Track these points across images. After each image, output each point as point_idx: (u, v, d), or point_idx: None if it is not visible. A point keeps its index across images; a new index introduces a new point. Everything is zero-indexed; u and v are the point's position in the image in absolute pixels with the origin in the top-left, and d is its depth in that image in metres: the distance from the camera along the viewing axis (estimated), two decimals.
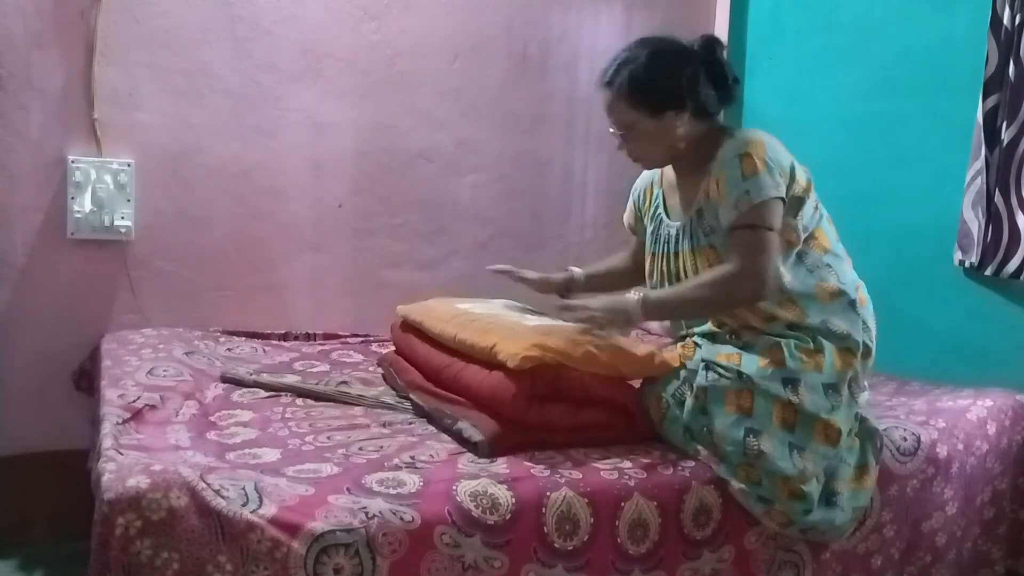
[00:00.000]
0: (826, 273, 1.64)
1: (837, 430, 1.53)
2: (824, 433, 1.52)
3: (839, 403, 1.55)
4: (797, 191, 1.62)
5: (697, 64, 1.65)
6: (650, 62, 1.63)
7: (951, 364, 2.19)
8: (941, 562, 1.78)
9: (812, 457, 1.51)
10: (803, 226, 1.63)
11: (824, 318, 1.60)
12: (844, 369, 1.58)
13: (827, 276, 1.64)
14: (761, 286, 1.55)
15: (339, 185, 2.42)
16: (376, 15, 2.41)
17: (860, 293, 1.68)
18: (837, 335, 1.60)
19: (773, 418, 1.51)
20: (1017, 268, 2.03)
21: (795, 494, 1.48)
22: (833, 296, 1.62)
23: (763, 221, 1.55)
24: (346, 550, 1.21)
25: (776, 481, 1.48)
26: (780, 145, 1.64)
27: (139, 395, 1.66)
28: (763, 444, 1.48)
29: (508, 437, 1.51)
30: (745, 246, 1.56)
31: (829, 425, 1.52)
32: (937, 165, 2.24)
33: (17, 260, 2.10)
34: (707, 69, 1.65)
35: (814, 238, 1.66)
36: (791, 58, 2.67)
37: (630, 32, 2.74)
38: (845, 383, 1.58)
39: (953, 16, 2.21)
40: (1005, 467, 1.88)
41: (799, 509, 1.49)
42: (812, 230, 1.65)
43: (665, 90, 1.63)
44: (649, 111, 1.64)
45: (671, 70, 1.63)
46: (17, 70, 2.06)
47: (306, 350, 2.20)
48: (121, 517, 1.16)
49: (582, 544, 1.37)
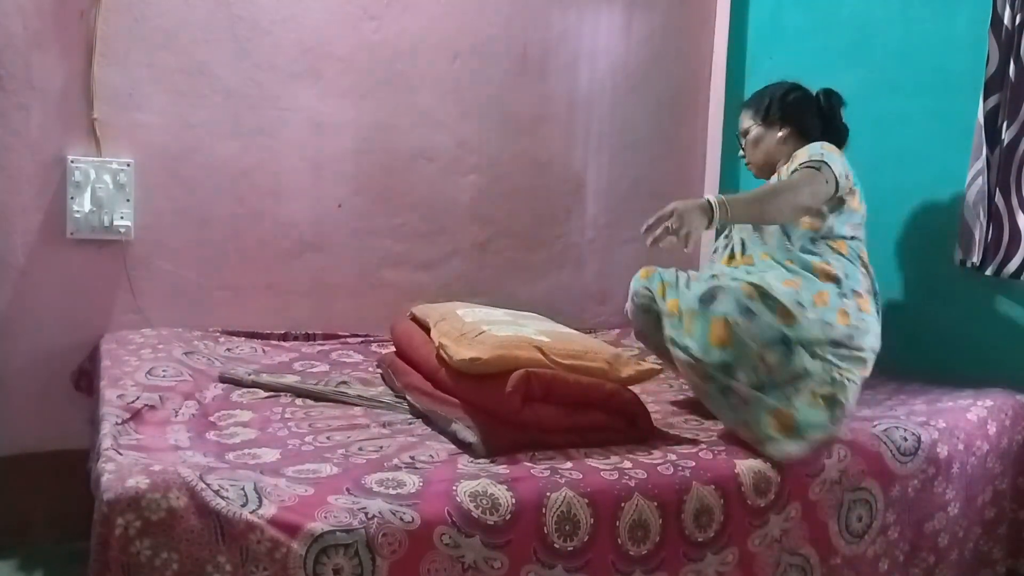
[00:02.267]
0: (831, 258, 1.85)
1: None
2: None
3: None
4: (842, 194, 1.87)
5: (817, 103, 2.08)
6: (786, 91, 2.10)
7: (951, 364, 2.18)
8: (944, 563, 1.78)
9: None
10: (829, 225, 1.87)
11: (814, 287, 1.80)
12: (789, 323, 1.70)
13: (831, 260, 1.85)
14: (808, 197, 1.80)
15: (339, 185, 2.42)
16: (376, 15, 2.40)
17: (860, 297, 1.83)
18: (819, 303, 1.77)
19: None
20: (1018, 268, 2.03)
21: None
22: (828, 277, 1.82)
23: (825, 168, 1.82)
24: (346, 550, 1.21)
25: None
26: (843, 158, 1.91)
27: (138, 395, 1.66)
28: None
29: (502, 437, 1.51)
30: (806, 172, 1.83)
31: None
32: (937, 165, 2.24)
33: (17, 260, 2.10)
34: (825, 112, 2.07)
35: (835, 238, 1.88)
36: (791, 58, 2.67)
37: (630, 32, 2.75)
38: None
39: (953, 16, 2.21)
40: (1005, 467, 1.88)
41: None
42: (837, 233, 1.88)
43: (785, 109, 2.06)
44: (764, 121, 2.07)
45: (798, 100, 2.08)
46: (17, 70, 2.06)
47: (306, 350, 2.20)
48: (121, 517, 1.16)
49: (582, 545, 1.37)
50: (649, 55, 2.79)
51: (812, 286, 1.79)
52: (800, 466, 1.58)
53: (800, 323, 1.70)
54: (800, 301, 1.74)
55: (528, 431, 1.53)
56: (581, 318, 2.53)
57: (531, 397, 1.53)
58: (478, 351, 1.57)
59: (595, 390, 1.59)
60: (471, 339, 1.64)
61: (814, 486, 1.58)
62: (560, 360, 1.59)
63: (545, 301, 2.57)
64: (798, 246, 1.87)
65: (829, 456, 1.61)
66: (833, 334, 1.73)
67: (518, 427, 1.53)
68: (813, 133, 2.03)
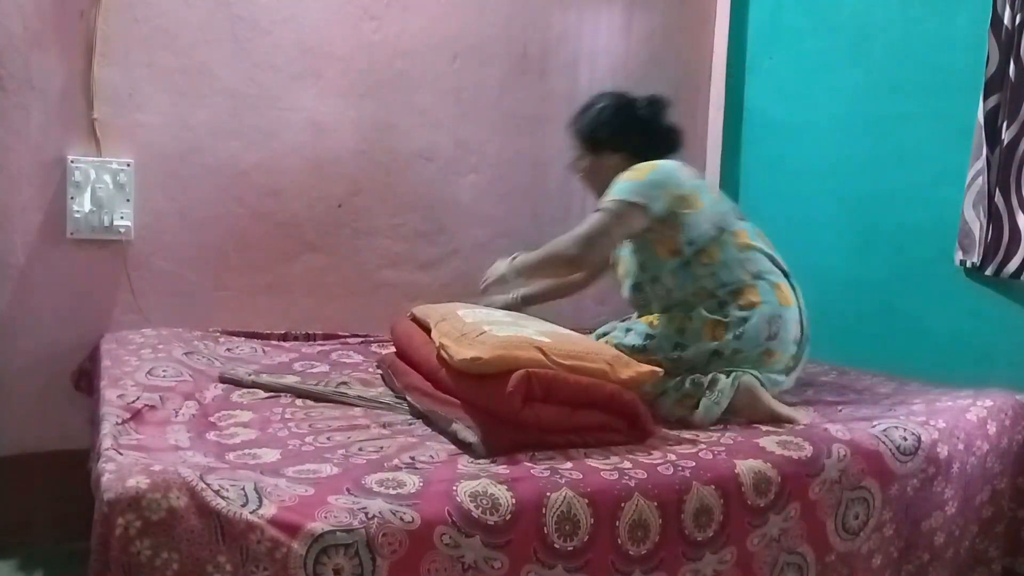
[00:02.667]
0: (708, 281, 1.89)
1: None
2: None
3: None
4: (679, 209, 1.88)
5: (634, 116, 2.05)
6: (599, 113, 2.07)
7: (951, 364, 2.18)
8: (938, 561, 1.78)
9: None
10: (688, 240, 1.89)
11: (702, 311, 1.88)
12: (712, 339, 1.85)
13: (707, 283, 1.89)
14: (580, 255, 1.88)
15: (339, 185, 2.42)
16: (376, 15, 2.41)
17: (743, 294, 1.88)
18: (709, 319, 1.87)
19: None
20: (1018, 268, 2.03)
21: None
22: (710, 296, 1.89)
23: (611, 208, 1.86)
24: (346, 550, 1.21)
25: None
26: (682, 172, 1.93)
27: (138, 395, 1.66)
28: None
29: (503, 437, 1.51)
30: (587, 221, 1.89)
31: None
32: (937, 165, 2.24)
33: (17, 260, 2.10)
34: (646, 122, 2.04)
35: (701, 249, 1.89)
36: (791, 58, 2.67)
37: (630, 32, 2.75)
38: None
39: (953, 16, 2.21)
40: (1005, 467, 1.88)
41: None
42: (703, 246, 1.89)
43: (604, 135, 2.04)
44: (591, 150, 2.07)
45: (612, 119, 2.05)
46: (17, 70, 2.06)
47: (306, 350, 2.20)
48: (121, 517, 1.16)
49: (582, 544, 1.37)
50: (649, 55, 2.79)
51: (693, 321, 1.88)
52: (800, 466, 1.58)
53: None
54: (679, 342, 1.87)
55: (528, 431, 1.53)
56: (581, 318, 2.53)
57: (532, 397, 1.53)
58: (479, 351, 1.57)
59: (596, 390, 1.59)
60: (472, 339, 1.64)
61: (814, 486, 1.58)
62: (561, 360, 1.59)
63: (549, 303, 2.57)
64: (673, 282, 1.91)
65: (829, 456, 1.61)
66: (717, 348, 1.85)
67: (518, 427, 1.53)
68: (642, 148, 2.01)
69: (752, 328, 1.85)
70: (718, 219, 1.92)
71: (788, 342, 1.90)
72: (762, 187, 2.78)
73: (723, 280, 1.89)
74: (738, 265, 1.90)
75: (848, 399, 2.03)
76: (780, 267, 1.97)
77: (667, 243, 1.90)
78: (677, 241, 1.89)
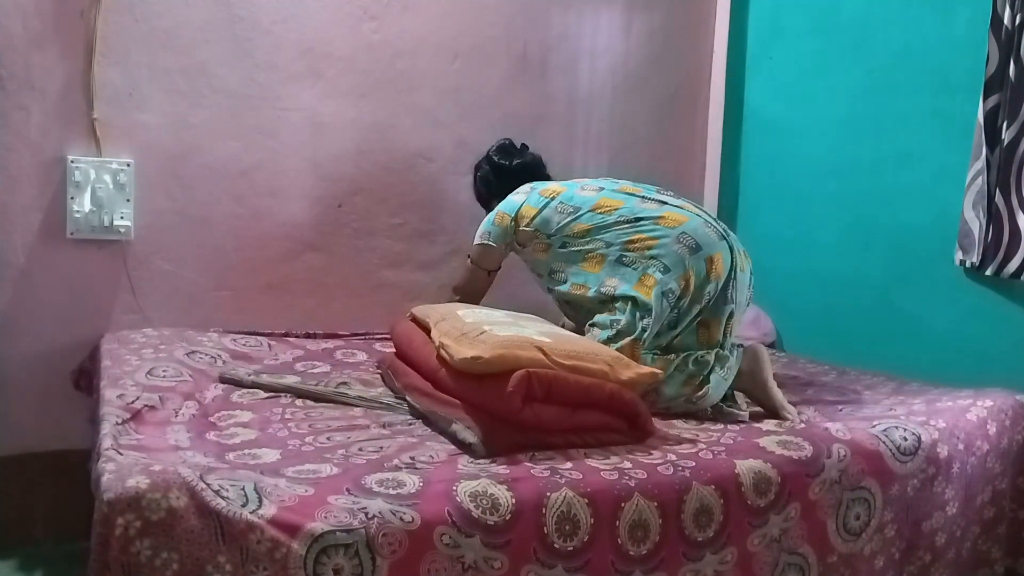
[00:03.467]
0: (568, 287, 2.05)
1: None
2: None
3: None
4: (527, 229, 2.10)
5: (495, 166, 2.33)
6: (474, 180, 2.39)
7: (951, 364, 2.18)
8: (940, 561, 1.78)
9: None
10: (548, 263, 2.09)
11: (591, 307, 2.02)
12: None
13: (569, 289, 2.05)
14: (456, 292, 2.26)
15: (339, 185, 2.42)
16: (376, 15, 2.41)
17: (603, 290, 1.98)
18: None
19: None
20: (1017, 268, 2.03)
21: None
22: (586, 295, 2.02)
23: (471, 255, 2.22)
24: (346, 550, 1.21)
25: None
26: (523, 197, 2.14)
27: (138, 395, 1.66)
28: None
29: (503, 437, 1.51)
30: (464, 275, 2.26)
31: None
32: (937, 165, 2.24)
33: (17, 260, 2.10)
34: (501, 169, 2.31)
35: (561, 263, 2.06)
36: (791, 58, 2.67)
37: (630, 32, 2.75)
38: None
39: (953, 16, 2.21)
40: (1005, 467, 1.88)
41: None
42: (565, 256, 2.05)
43: (481, 195, 2.37)
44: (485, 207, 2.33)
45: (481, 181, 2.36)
46: (17, 70, 2.06)
47: (311, 347, 2.20)
48: (121, 517, 1.16)
49: (582, 544, 1.37)
50: (649, 55, 2.79)
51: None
52: (800, 466, 1.58)
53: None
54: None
55: (528, 431, 1.53)
56: None
57: (532, 397, 1.53)
58: (479, 350, 1.57)
59: (596, 390, 1.59)
60: (472, 339, 1.64)
61: (814, 486, 1.58)
62: (561, 360, 1.59)
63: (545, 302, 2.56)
64: (557, 293, 2.10)
65: (829, 456, 1.61)
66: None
67: (518, 427, 1.53)
68: (506, 190, 2.22)
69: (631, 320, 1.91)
70: (539, 244, 2.09)
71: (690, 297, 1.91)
72: (762, 187, 2.78)
73: (582, 290, 2.02)
74: (580, 274, 2.03)
75: (848, 399, 2.03)
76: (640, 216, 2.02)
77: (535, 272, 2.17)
78: (535, 269, 2.15)
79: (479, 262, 2.21)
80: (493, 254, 2.19)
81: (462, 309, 1.93)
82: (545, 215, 2.08)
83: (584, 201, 2.06)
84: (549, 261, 2.09)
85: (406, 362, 1.92)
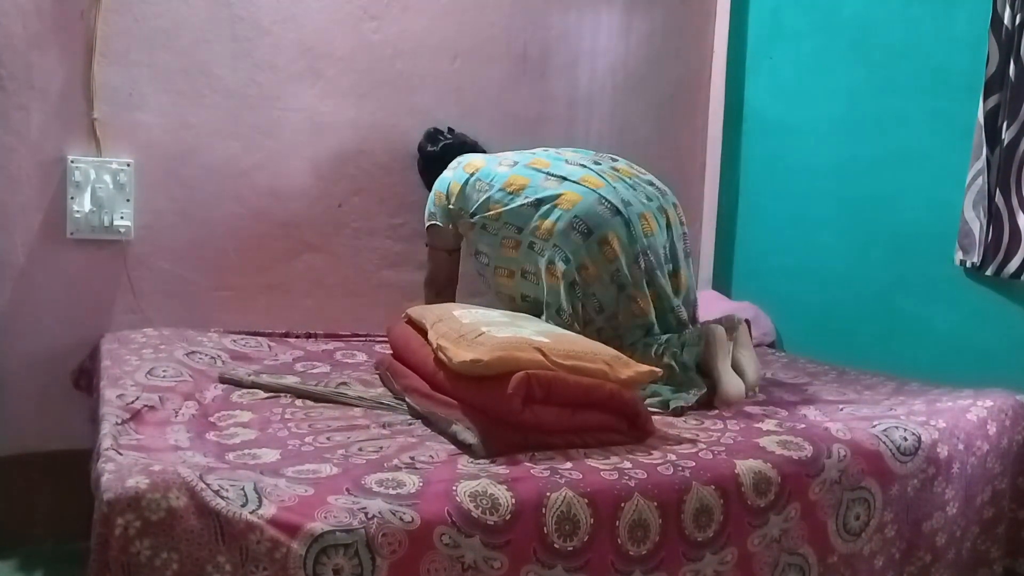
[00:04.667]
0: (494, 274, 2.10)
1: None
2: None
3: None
4: (453, 207, 2.12)
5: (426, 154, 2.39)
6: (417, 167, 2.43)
7: (951, 364, 2.18)
8: (940, 562, 1.78)
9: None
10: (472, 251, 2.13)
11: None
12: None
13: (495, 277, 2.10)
14: (427, 284, 2.29)
15: (339, 185, 2.42)
16: (376, 15, 2.41)
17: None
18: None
19: None
20: (1018, 268, 2.03)
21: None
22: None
23: (426, 239, 2.25)
24: (345, 550, 1.21)
25: None
26: (451, 173, 2.16)
27: (138, 395, 1.66)
28: None
29: (503, 438, 1.51)
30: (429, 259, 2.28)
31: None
32: (937, 165, 2.24)
33: (17, 260, 2.10)
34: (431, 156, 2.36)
35: (484, 245, 2.09)
36: (791, 58, 2.67)
37: (630, 32, 2.75)
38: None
39: (953, 16, 2.21)
40: (1005, 467, 1.88)
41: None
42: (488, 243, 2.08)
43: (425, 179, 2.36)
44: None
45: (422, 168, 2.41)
46: (17, 70, 2.06)
47: (310, 348, 2.20)
48: (120, 517, 1.16)
49: (582, 545, 1.37)
50: (649, 55, 2.79)
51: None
52: (800, 466, 1.58)
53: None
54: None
55: (528, 432, 1.53)
56: None
57: (532, 399, 1.52)
58: (478, 352, 1.57)
59: (596, 390, 1.59)
60: (470, 340, 1.64)
61: (814, 486, 1.58)
62: (560, 361, 1.59)
63: None
64: (488, 283, 2.15)
65: (829, 456, 1.61)
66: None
67: (518, 428, 1.53)
68: (438, 173, 2.23)
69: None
70: (464, 223, 2.11)
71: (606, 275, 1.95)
72: (762, 187, 2.78)
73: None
74: (502, 258, 2.05)
75: (848, 399, 2.03)
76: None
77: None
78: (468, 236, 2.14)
79: (434, 243, 2.23)
80: (443, 233, 2.18)
81: (458, 309, 1.93)
82: (466, 192, 2.10)
83: (496, 178, 2.07)
84: (474, 241, 2.11)
85: (404, 362, 1.92)
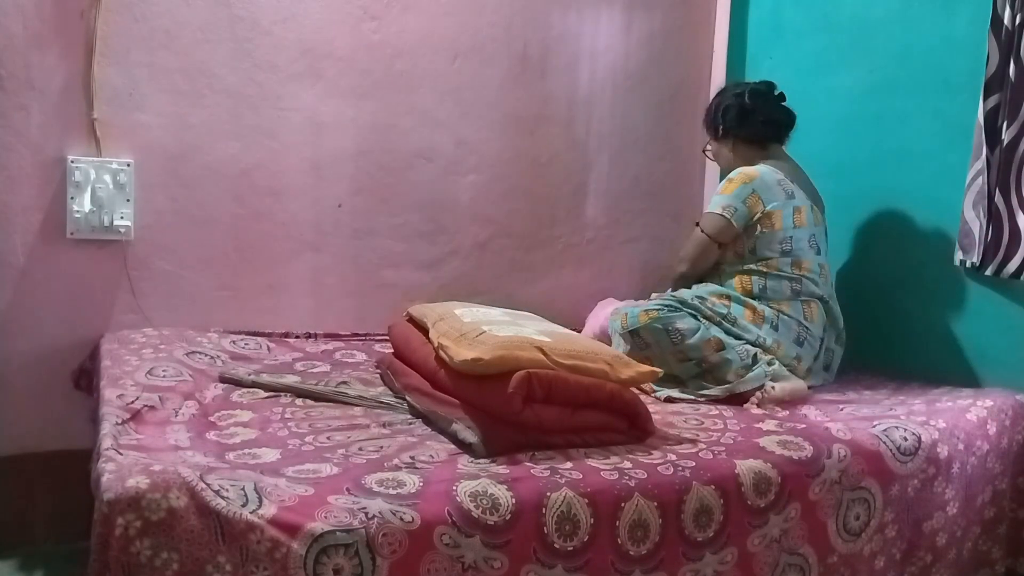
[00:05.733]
0: (747, 280, 2.14)
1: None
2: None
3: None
4: (756, 224, 2.12)
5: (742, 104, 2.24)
6: (715, 105, 2.30)
7: (951, 364, 2.18)
8: (941, 562, 1.78)
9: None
10: (750, 250, 2.14)
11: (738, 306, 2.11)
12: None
13: (747, 282, 2.14)
14: (678, 263, 2.26)
15: (339, 185, 2.42)
16: (376, 15, 2.41)
17: (767, 308, 2.11)
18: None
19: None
20: (1017, 268, 2.03)
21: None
22: (746, 293, 2.13)
23: (703, 224, 2.18)
24: (346, 550, 1.21)
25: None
26: (771, 188, 2.14)
27: (138, 395, 1.66)
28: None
29: (503, 438, 1.51)
30: (691, 240, 2.23)
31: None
32: (937, 165, 2.24)
33: (17, 260, 2.10)
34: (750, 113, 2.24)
35: (756, 259, 2.14)
36: (791, 58, 2.67)
37: (630, 32, 2.75)
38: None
39: (953, 16, 2.21)
40: (1005, 467, 1.88)
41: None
42: (764, 256, 2.13)
43: (717, 124, 2.28)
44: (712, 135, 2.32)
45: (722, 111, 2.27)
46: (17, 70, 2.06)
47: (310, 349, 2.20)
48: (121, 517, 1.16)
49: (582, 544, 1.37)
50: (649, 55, 2.79)
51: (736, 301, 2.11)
52: (800, 466, 1.58)
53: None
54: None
55: (529, 432, 1.53)
56: (580, 318, 2.53)
57: (532, 398, 1.53)
58: (479, 351, 1.57)
59: (596, 390, 1.59)
60: (471, 339, 1.64)
61: (814, 486, 1.58)
62: (561, 360, 1.59)
63: (544, 301, 2.57)
64: (727, 271, 2.17)
65: (829, 456, 1.61)
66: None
67: (519, 427, 1.53)
68: (755, 136, 2.25)
69: (783, 329, 2.09)
70: (787, 244, 2.13)
71: (788, 349, 2.11)
72: None
73: (767, 286, 2.12)
74: (785, 280, 2.12)
75: (848, 399, 2.03)
76: (821, 297, 2.16)
77: (736, 246, 2.16)
78: (743, 248, 2.15)
79: (715, 235, 2.16)
80: (730, 232, 2.15)
81: (460, 308, 1.93)
82: (792, 233, 2.14)
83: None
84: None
85: (405, 363, 1.92)
